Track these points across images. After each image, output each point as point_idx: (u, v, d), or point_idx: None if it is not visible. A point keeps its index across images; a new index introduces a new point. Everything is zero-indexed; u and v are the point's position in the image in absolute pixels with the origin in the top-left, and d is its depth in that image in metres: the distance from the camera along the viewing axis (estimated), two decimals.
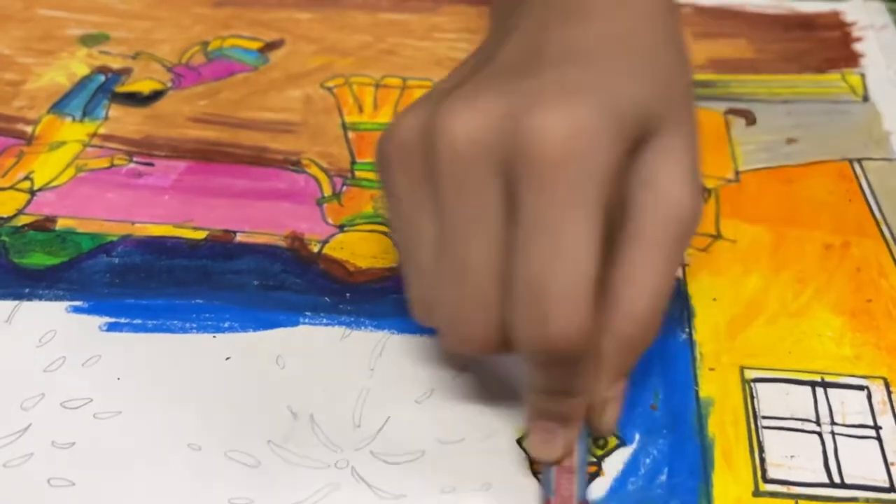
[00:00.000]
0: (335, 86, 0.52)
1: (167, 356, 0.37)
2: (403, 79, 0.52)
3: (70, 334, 0.38)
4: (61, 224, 0.43)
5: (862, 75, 0.53)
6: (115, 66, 0.53)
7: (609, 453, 0.34)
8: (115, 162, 0.47)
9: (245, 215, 0.44)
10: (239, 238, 0.43)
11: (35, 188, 0.45)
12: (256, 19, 0.57)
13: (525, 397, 0.33)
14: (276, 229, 0.43)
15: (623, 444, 0.34)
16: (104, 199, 0.45)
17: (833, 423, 0.35)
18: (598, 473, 0.34)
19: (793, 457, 0.34)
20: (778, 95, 0.52)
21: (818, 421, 0.35)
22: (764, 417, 0.35)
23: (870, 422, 0.35)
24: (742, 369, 0.37)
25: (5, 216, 0.44)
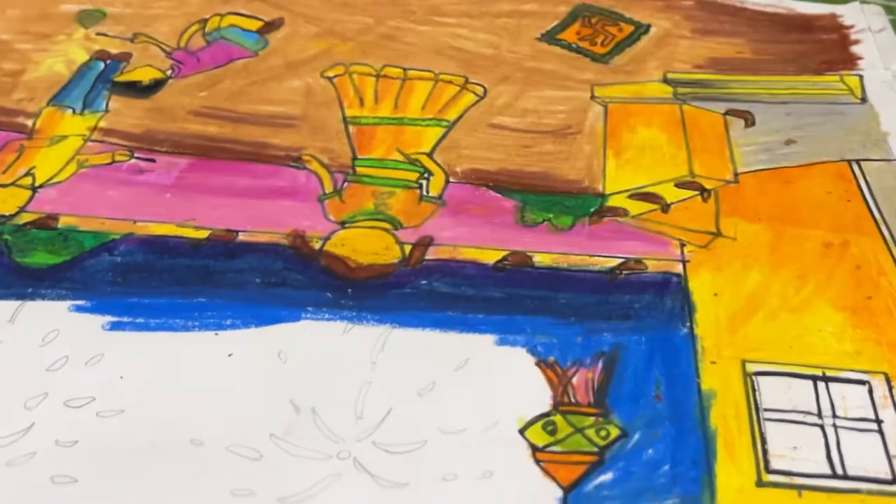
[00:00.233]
0: (335, 75, 0.52)
1: (169, 354, 0.37)
2: (404, 69, 0.53)
3: (73, 333, 0.38)
4: (63, 222, 0.43)
5: (860, 77, 0.53)
6: (114, 51, 0.53)
7: (612, 444, 0.34)
8: (117, 158, 0.47)
9: (247, 214, 0.44)
10: (241, 237, 0.43)
11: (36, 184, 0.45)
12: None
13: None
14: (278, 227, 0.43)
15: (626, 436, 0.34)
16: (106, 197, 0.45)
17: (835, 417, 0.35)
18: (601, 463, 0.34)
19: (795, 448, 0.34)
20: (777, 97, 0.52)
21: (820, 414, 0.35)
22: (766, 410, 0.35)
23: (871, 415, 0.35)
24: (743, 363, 0.37)
25: (7, 214, 0.44)
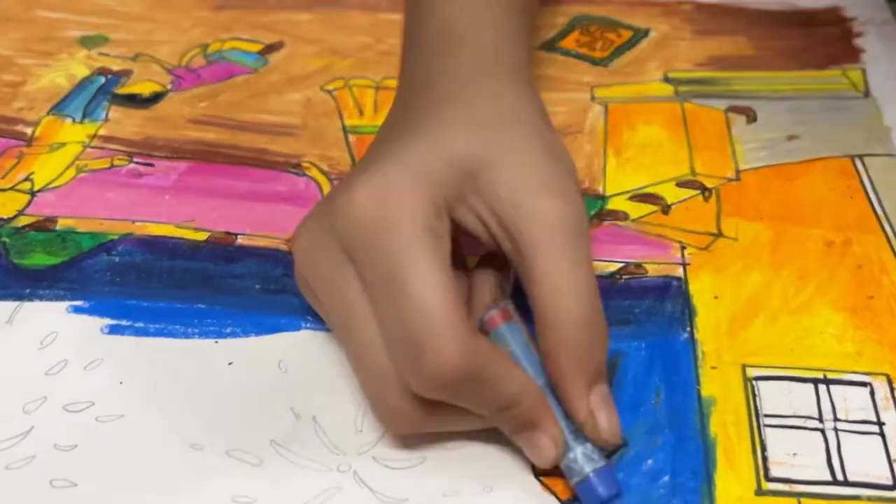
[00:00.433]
0: (335, 88, 0.52)
1: (169, 361, 0.37)
2: None
3: (71, 337, 0.38)
4: (61, 224, 0.43)
5: (863, 71, 0.53)
6: (115, 68, 0.53)
7: (611, 454, 0.34)
8: (116, 162, 0.47)
9: (246, 217, 0.44)
10: (240, 241, 0.43)
11: (35, 189, 0.45)
12: (256, 22, 0.57)
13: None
14: (277, 232, 0.43)
15: (625, 445, 0.34)
16: (104, 199, 0.45)
17: (836, 420, 0.35)
18: None
19: (795, 454, 0.34)
20: (779, 92, 0.51)
21: (821, 418, 0.35)
22: (766, 415, 0.35)
23: (873, 418, 0.35)
24: (744, 367, 0.37)
25: (6, 217, 0.44)
